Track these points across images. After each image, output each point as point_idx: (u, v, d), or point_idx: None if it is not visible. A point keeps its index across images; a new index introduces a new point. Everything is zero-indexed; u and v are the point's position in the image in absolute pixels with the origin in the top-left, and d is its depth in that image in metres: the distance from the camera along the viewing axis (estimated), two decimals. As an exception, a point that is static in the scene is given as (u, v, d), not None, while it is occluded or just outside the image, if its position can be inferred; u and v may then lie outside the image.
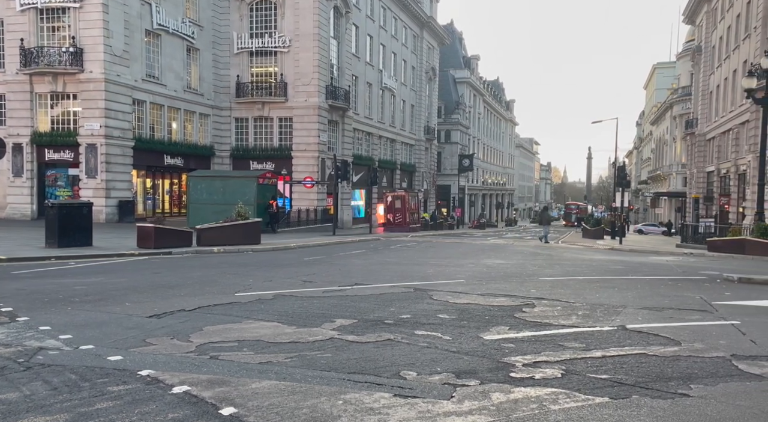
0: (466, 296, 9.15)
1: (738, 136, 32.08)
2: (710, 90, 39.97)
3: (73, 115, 27.96)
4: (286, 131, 35.46)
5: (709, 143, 39.76)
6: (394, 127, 48.54)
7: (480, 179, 79.16)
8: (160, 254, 15.44)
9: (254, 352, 5.53)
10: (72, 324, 6.58)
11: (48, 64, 27.01)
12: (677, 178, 52.37)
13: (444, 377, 4.84)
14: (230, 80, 35.56)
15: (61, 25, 27.67)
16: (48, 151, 28.18)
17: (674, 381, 4.86)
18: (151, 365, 5.02)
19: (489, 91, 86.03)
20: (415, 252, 19.36)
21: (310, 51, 34.30)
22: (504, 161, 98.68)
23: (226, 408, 4.03)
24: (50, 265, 12.63)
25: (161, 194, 32.88)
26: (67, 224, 15.13)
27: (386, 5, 45.88)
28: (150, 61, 30.42)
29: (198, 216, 24.37)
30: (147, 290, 9.23)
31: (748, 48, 30.37)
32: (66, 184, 28.56)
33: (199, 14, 33.91)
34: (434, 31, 57.08)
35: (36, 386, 4.45)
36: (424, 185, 55.06)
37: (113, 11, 27.31)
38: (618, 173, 31.10)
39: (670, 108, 57.01)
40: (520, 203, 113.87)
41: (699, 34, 43.90)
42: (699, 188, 40.80)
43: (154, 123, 31.02)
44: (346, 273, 12.32)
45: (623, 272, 13.83)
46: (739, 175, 31.52)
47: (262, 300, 8.43)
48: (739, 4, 32.81)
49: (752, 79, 19.10)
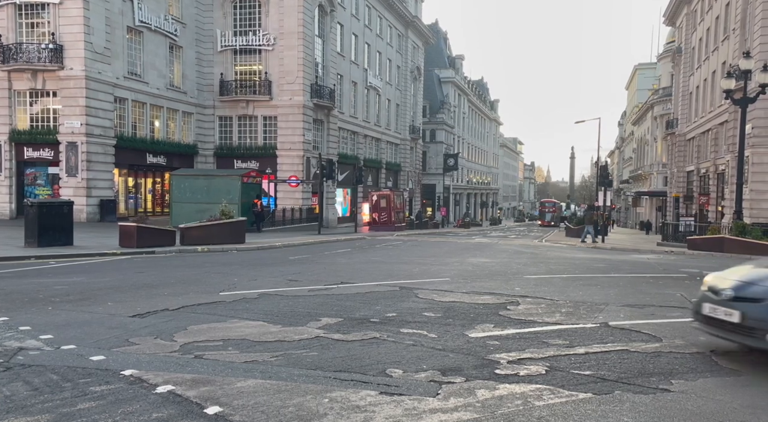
0: (451, 295, 9.19)
1: (717, 136, 32.63)
2: (690, 91, 40.60)
3: (53, 112, 27.50)
4: (270, 129, 35.27)
5: (689, 143, 40.40)
6: (379, 126, 48.55)
7: (465, 178, 79.51)
8: (143, 253, 15.27)
9: (239, 351, 5.51)
10: (53, 323, 6.49)
11: (27, 60, 26.53)
12: (658, 177, 53.14)
13: (430, 374, 4.87)
14: (214, 78, 35.26)
15: (41, 21, 27.19)
16: (27, 149, 27.69)
17: (656, 376, 4.95)
18: (135, 364, 4.97)
19: (473, 91, 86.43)
20: (400, 251, 19.40)
21: (295, 49, 34.15)
22: (488, 160, 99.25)
23: (211, 407, 4.00)
24: (30, 264, 12.42)
25: (144, 193, 32.50)
26: (47, 223, 14.89)
27: (371, 4, 45.85)
28: (132, 58, 30.03)
29: (181, 215, 24.15)
30: (130, 289, 9.12)
31: (727, 49, 30.91)
32: (46, 183, 28.10)
33: (181, 11, 33.57)
34: (419, 31, 57.19)
35: (16, 386, 4.38)
36: (409, 185, 55.15)
37: (94, 7, 26.91)
38: (600, 173, 31.46)
39: (651, 108, 57.80)
40: (504, 202, 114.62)
41: (679, 36, 44.57)
42: (679, 188, 41.44)
43: (136, 121, 30.63)
44: (332, 272, 12.30)
45: (605, 270, 14.00)
46: (718, 174, 32.07)
47: (247, 299, 8.39)
48: (718, 6, 33.36)
49: (731, 81, 19.44)
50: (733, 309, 5.28)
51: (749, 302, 5.25)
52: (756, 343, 5.18)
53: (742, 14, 28.39)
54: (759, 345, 5.18)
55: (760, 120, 25.17)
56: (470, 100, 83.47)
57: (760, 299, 5.21)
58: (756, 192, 25.28)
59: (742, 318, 5.19)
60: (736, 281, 5.58)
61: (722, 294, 5.50)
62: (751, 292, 5.33)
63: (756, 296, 5.26)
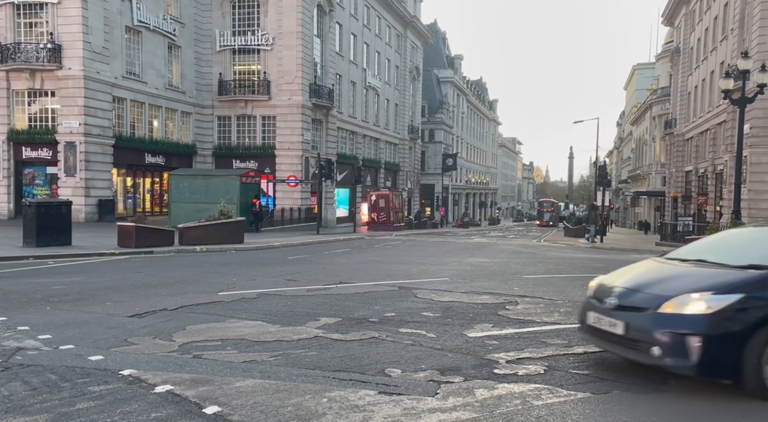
0: (450, 295, 9.20)
1: (715, 136, 32.67)
2: (688, 91, 40.65)
3: (51, 112, 27.45)
4: (269, 129, 35.25)
5: (687, 143, 40.44)
6: (378, 126, 48.54)
7: (463, 178, 79.53)
8: (142, 253, 15.25)
9: (238, 351, 5.51)
10: (51, 323, 6.48)
11: (25, 60, 26.48)
12: (656, 177, 53.18)
13: (428, 374, 4.87)
14: (212, 78, 35.23)
15: (39, 21, 27.14)
16: (25, 149, 27.64)
17: (653, 376, 4.96)
18: (133, 364, 4.97)
19: (472, 90, 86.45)
20: (399, 251, 19.40)
21: (294, 49, 34.13)
22: (487, 160, 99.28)
23: (210, 407, 4.00)
24: (28, 264, 12.40)
25: (142, 193, 32.46)
26: (45, 223, 14.86)
27: (370, 4, 45.84)
28: (130, 58, 29.99)
29: (180, 215, 24.12)
30: (128, 289, 9.11)
31: (725, 49, 30.95)
32: (44, 182, 28.06)
33: (180, 11, 33.53)
34: (418, 31, 57.19)
35: (15, 386, 4.38)
36: (408, 184, 55.15)
37: (92, 7, 26.87)
38: (599, 173, 31.50)
39: (650, 108, 57.85)
40: (503, 202, 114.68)
41: (678, 36, 44.61)
42: (677, 188, 41.49)
43: (134, 121, 30.60)
44: (331, 272, 12.30)
45: (604, 270, 13.95)
46: (717, 174, 32.11)
47: (246, 299, 8.39)
48: (716, 7, 33.40)
49: (729, 81, 19.45)
50: (617, 319, 4.79)
51: (633, 311, 4.75)
52: (640, 357, 4.69)
53: (741, 14, 28.43)
54: (643, 360, 4.67)
55: (759, 120, 25.21)
56: (469, 100, 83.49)
57: (644, 307, 4.70)
58: (754, 192, 25.31)
59: (626, 329, 4.71)
60: (620, 287, 5.08)
61: (606, 302, 5.00)
62: (635, 300, 4.83)
63: (639, 305, 4.76)
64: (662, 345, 4.44)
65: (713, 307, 4.38)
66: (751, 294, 4.45)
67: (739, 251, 5.46)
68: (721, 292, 4.47)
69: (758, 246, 5.49)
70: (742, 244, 5.74)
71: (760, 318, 4.36)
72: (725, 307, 4.37)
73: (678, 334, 4.39)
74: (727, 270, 4.90)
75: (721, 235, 6.73)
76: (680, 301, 4.52)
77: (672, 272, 5.29)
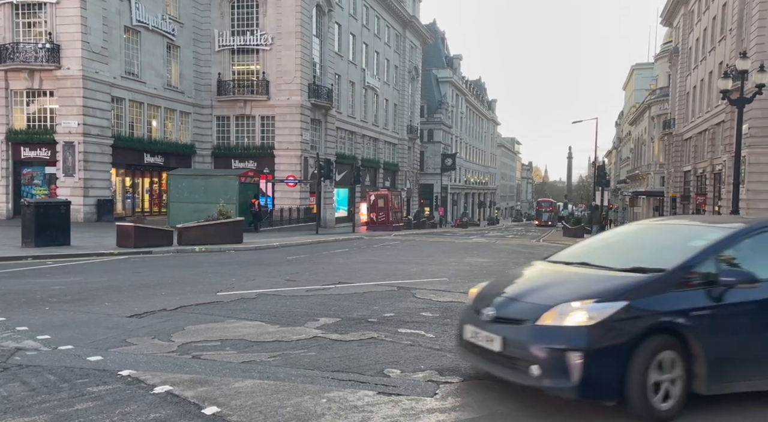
0: (449, 295, 9.20)
1: (714, 136, 32.70)
2: (687, 91, 40.69)
3: (49, 112, 27.41)
4: (268, 129, 35.23)
5: (686, 143, 40.47)
6: (377, 126, 48.53)
7: (462, 178, 79.55)
8: (141, 253, 15.24)
9: (237, 351, 5.51)
10: (50, 324, 6.47)
11: (24, 60, 26.44)
12: (655, 177, 53.19)
13: (427, 374, 4.88)
14: (211, 78, 35.19)
15: (38, 21, 27.10)
16: (24, 149, 27.60)
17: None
18: (132, 365, 4.97)
19: (471, 90, 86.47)
20: (398, 251, 19.40)
21: (293, 49, 34.11)
22: (486, 160, 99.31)
23: (209, 407, 4.01)
24: (27, 264, 12.39)
25: (141, 193, 32.43)
26: (44, 223, 14.84)
27: (369, 4, 45.83)
28: (129, 58, 29.96)
29: (179, 215, 24.08)
30: (127, 289, 9.11)
31: (724, 50, 30.98)
32: (43, 182, 28.02)
33: (179, 11, 33.50)
34: (417, 31, 57.19)
35: (14, 387, 4.37)
36: (407, 184, 55.15)
37: (91, 7, 26.84)
38: (598, 173, 31.55)
39: (648, 109, 57.89)
40: (502, 202, 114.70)
41: (676, 36, 44.65)
42: (676, 188, 41.53)
43: (133, 121, 30.57)
44: (330, 272, 12.30)
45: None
46: (715, 174, 32.14)
47: (245, 299, 8.38)
48: (715, 7, 33.44)
49: (727, 81, 19.46)
50: (495, 334, 4.19)
51: (511, 323, 4.16)
52: (520, 379, 4.03)
53: (739, 15, 28.47)
54: (524, 381, 4.01)
55: (757, 120, 25.26)
56: (468, 100, 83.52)
57: (523, 319, 4.11)
58: (752, 192, 25.35)
59: (503, 345, 4.10)
60: (501, 295, 4.50)
61: (483, 314, 4.37)
62: (514, 311, 4.24)
63: (518, 316, 4.16)
64: (541, 364, 3.88)
65: (595, 317, 3.87)
66: (634, 301, 3.96)
67: (624, 252, 5.06)
68: (605, 300, 3.97)
69: (643, 246, 5.13)
70: (628, 244, 5.35)
71: (644, 329, 3.89)
72: (608, 317, 3.87)
73: (557, 350, 3.84)
74: (611, 274, 4.39)
75: (607, 234, 6.24)
76: (560, 311, 3.98)
77: (554, 277, 4.75)
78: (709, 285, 4.12)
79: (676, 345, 3.98)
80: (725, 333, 4.13)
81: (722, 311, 4.13)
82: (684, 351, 3.98)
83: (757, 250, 4.55)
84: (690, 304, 4.05)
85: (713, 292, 4.12)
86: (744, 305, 4.21)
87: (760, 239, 4.61)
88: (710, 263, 4.22)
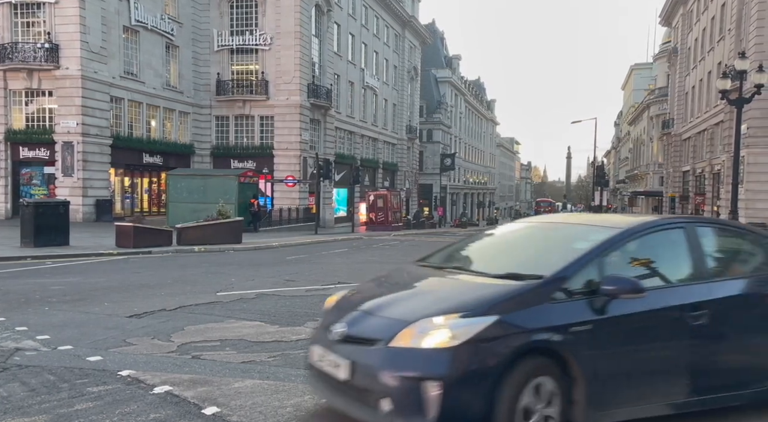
0: (448, 295, 9.18)
1: (713, 136, 32.74)
2: (686, 91, 40.73)
3: (48, 112, 27.37)
4: (267, 129, 35.21)
5: (684, 143, 40.52)
6: (376, 126, 48.53)
7: (462, 178, 79.56)
8: (140, 253, 15.23)
9: (237, 351, 5.51)
10: (50, 324, 6.47)
11: (23, 60, 26.41)
12: (654, 177, 53.26)
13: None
14: (210, 78, 35.17)
15: (36, 21, 27.07)
16: (23, 149, 27.57)
17: None
18: (132, 365, 4.97)
19: (470, 90, 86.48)
20: (397, 251, 19.40)
21: (292, 49, 34.10)
22: (485, 160, 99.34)
23: (209, 407, 4.01)
24: (26, 265, 12.38)
25: (140, 193, 32.41)
26: (43, 223, 14.82)
27: (368, 4, 45.82)
28: (128, 57, 29.93)
29: (178, 215, 24.07)
30: (126, 289, 9.11)
31: (723, 50, 31.02)
32: (42, 182, 27.99)
33: (178, 11, 33.48)
34: (416, 31, 57.20)
35: (13, 387, 4.37)
36: (406, 184, 55.15)
37: (90, 7, 26.81)
38: (597, 173, 31.57)
39: (647, 109, 57.95)
40: (501, 202, 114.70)
41: (675, 36, 44.70)
42: (675, 188, 41.58)
43: (132, 121, 30.54)
44: (329, 272, 12.30)
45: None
46: (714, 174, 32.18)
47: (245, 299, 8.38)
48: (713, 7, 33.48)
49: (726, 81, 19.50)
50: (342, 357, 3.37)
51: (362, 344, 3.35)
52: (367, 415, 3.27)
53: (738, 15, 28.51)
54: (371, 419, 3.25)
55: (756, 120, 25.29)
56: (467, 100, 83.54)
57: (375, 339, 3.31)
58: (751, 192, 25.39)
59: (351, 372, 3.31)
60: (358, 307, 3.66)
61: (333, 331, 3.53)
62: (367, 328, 3.42)
63: (370, 335, 3.35)
64: (393, 396, 3.13)
65: (459, 336, 3.14)
66: (506, 316, 3.27)
67: (504, 254, 4.42)
68: (473, 314, 3.24)
69: (525, 248, 4.44)
70: (510, 245, 4.66)
71: (516, 350, 3.20)
72: (474, 336, 3.15)
73: (411, 379, 3.11)
74: (484, 282, 3.70)
75: (491, 233, 5.36)
76: (420, 329, 3.22)
77: (423, 285, 4.03)
78: (591, 295, 3.49)
79: (554, 368, 3.31)
80: (607, 353, 3.48)
81: (605, 327, 3.47)
82: (563, 375, 3.33)
83: (645, 253, 3.98)
84: (569, 318, 3.39)
85: (595, 303, 3.47)
86: (629, 318, 3.54)
87: (649, 241, 4.00)
88: (592, 270, 3.58)
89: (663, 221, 4.23)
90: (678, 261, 4.06)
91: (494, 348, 3.19)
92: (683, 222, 4.32)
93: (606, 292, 3.48)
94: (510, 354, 3.19)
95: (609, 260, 3.70)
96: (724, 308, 3.93)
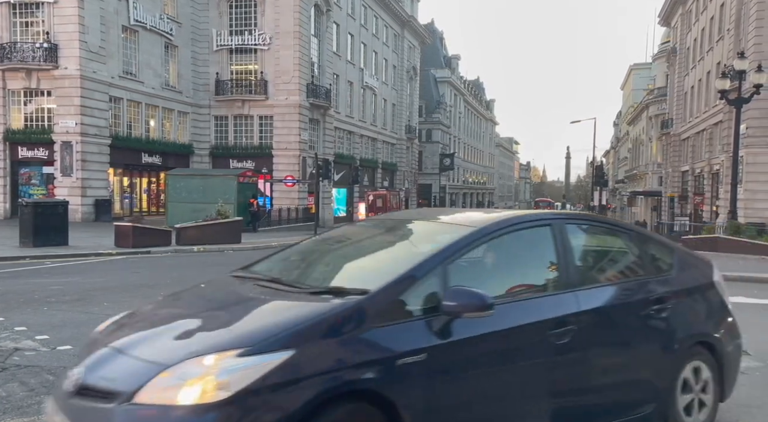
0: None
1: (712, 136, 32.77)
2: (685, 91, 40.76)
3: (47, 112, 27.35)
4: (266, 129, 35.20)
5: (683, 143, 40.56)
6: (375, 126, 48.54)
7: (461, 178, 79.62)
8: (139, 253, 15.21)
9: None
10: (49, 324, 6.46)
11: (21, 59, 26.38)
12: (653, 177, 53.31)
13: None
14: (209, 78, 35.16)
15: (35, 20, 27.04)
16: (21, 149, 27.55)
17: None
18: (132, 365, 4.95)
19: (469, 90, 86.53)
20: (396, 251, 19.35)
21: (291, 49, 34.09)
22: (484, 160, 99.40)
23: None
24: (25, 265, 12.36)
25: (139, 193, 32.39)
26: (42, 223, 14.81)
27: (367, 4, 45.83)
28: (127, 57, 29.91)
29: (177, 215, 24.05)
30: (126, 289, 9.10)
31: (722, 50, 31.05)
32: (40, 182, 27.97)
33: (177, 11, 33.46)
34: (415, 31, 57.21)
35: (12, 387, 4.36)
36: (405, 184, 55.18)
37: (89, 6, 26.79)
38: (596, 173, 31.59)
39: (647, 108, 58.00)
40: (500, 202, 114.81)
41: (674, 36, 44.75)
42: (674, 187, 41.61)
43: (131, 121, 30.52)
44: (328, 272, 12.27)
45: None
46: (713, 174, 32.21)
47: (244, 299, 8.35)
48: (712, 7, 33.51)
49: (725, 81, 19.53)
50: (67, 418, 2.46)
51: (98, 400, 2.38)
52: None
53: (737, 15, 28.54)
54: None
55: (755, 120, 25.31)
56: (466, 100, 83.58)
57: (114, 392, 2.36)
58: (750, 192, 25.42)
59: None
60: (112, 342, 2.69)
61: (69, 377, 2.60)
62: (110, 374, 2.48)
63: (109, 387, 2.41)
64: None
65: (231, 385, 2.25)
66: (306, 349, 2.41)
67: (336, 261, 3.62)
68: (258, 350, 2.35)
69: (363, 253, 3.69)
70: (348, 248, 3.85)
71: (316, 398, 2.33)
72: (254, 383, 2.27)
73: None
74: (293, 302, 2.81)
75: (331, 233, 4.35)
76: (177, 375, 2.31)
77: (210, 305, 3.08)
78: (430, 314, 2.71)
79: (375, 417, 2.48)
80: (447, 390, 2.68)
81: (444, 355, 2.68)
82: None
83: (502, 258, 3.30)
84: (398, 346, 2.57)
85: (434, 325, 2.69)
86: (477, 342, 2.78)
87: (507, 243, 3.28)
88: (433, 281, 2.79)
89: (525, 218, 3.48)
90: (541, 267, 3.38)
91: (285, 398, 2.29)
92: (550, 219, 3.55)
93: (447, 309, 2.69)
94: (309, 403, 2.30)
95: (455, 269, 2.91)
96: (595, 322, 3.22)
